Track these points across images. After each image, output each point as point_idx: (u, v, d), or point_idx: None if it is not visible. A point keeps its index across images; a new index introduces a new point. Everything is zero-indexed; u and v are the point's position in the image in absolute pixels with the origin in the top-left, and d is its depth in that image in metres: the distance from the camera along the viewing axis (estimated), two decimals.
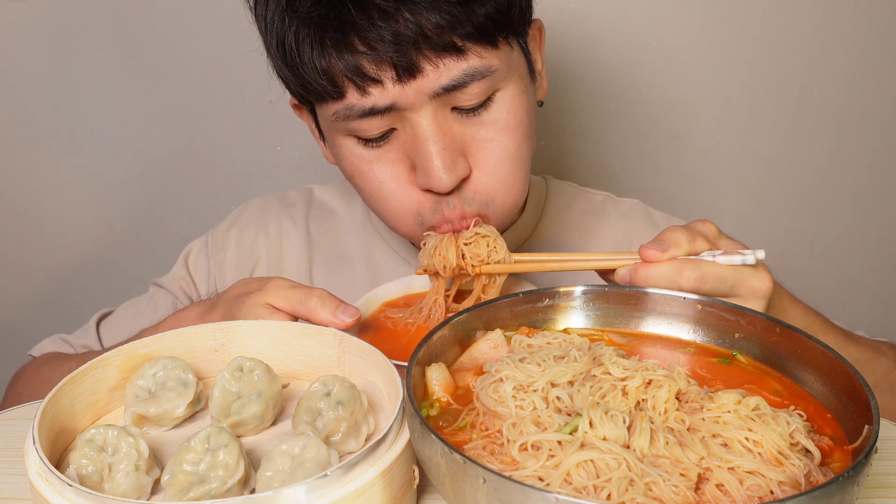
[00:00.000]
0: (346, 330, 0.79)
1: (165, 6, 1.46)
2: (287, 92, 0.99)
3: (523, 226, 1.12)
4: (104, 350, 0.93)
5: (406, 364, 0.64)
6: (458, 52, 0.85)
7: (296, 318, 0.83)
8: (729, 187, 1.55)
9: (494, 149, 0.91)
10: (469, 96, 0.87)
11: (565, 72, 1.47)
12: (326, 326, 0.79)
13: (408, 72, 0.85)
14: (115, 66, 1.50)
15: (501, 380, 0.65)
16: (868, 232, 1.57)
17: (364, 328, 0.93)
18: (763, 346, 0.71)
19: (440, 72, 0.85)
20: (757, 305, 0.79)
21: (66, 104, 1.53)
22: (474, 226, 0.92)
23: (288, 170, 1.57)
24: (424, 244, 0.94)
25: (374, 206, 0.99)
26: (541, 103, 1.02)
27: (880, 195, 1.55)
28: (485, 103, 0.90)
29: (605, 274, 0.86)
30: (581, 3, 1.43)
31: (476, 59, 0.86)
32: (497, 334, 0.73)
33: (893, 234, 1.57)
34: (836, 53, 1.45)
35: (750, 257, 0.79)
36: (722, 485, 0.56)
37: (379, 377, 0.74)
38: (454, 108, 0.89)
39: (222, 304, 0.88)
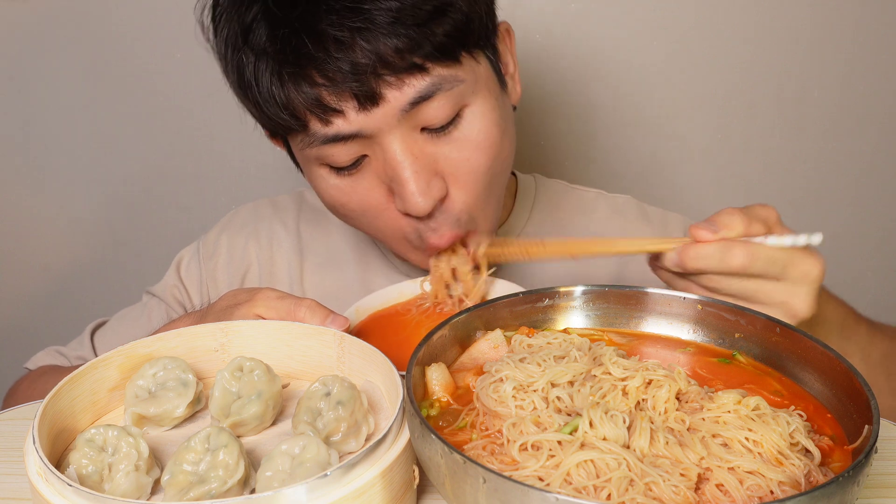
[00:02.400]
0: None
1: (166, 6, 1.46)
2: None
3: (512, 225, 1.12)
4: None
5: (404, 372, 0.64)
6: (420, 69, 0.84)
7: None
8: (728, 187, 1.55)
9: (469, 168, 0.90)
10: (436, 111, 0.85)
11: (563, 72, 1.47)
12: None
13: (370, 100, 0.83)
14: (115, 66, 1.51)
15: (501, 380, 0.65)
16: (868, 232, 1.57)
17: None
18: (763, 346, 0.71)
19: (404, 91, 0.84)
20: (807, 291, 0.76)
21: (65, 104, 1.53)
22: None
23: (287, 171, 1.56)
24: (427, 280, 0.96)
25: (365, 232, 0.99)
26: (514, 107, 1.01)
27: (880, 195, 1.55)
28: (454, 121, 0.88)
29: (654, 259, 0.83)
30: (580, 2, 1.43)
31: (441, 70, 0.85)
32: (497, 334, 0.73)
33: (893, 234, 1.57)
34: (836, 53, 1.45)
35: (801, 239, 0.75)
36: (722, 485, 0.56)
37: (379, 377, 0.74)
38: (423, 130, 0.88)
39: (212, 316, 0.87)
